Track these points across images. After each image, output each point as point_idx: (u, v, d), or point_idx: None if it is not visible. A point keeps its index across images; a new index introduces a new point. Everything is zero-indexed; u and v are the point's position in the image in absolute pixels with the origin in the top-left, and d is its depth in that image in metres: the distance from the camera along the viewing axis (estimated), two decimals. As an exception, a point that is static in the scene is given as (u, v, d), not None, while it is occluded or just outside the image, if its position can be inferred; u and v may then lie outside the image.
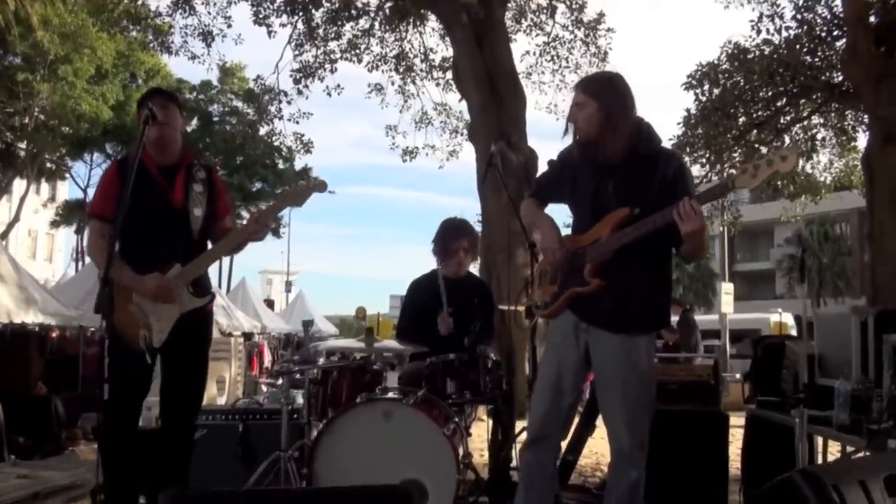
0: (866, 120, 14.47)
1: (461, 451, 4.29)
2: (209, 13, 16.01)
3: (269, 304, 28.48)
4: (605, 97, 3.41)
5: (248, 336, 18.74)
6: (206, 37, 16.18)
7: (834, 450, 5.31)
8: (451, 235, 5.31)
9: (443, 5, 11.81)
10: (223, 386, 12.51)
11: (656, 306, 3.53)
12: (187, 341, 4.01)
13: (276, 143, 18.60)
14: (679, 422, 5.07)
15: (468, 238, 5.35)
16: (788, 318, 25.40)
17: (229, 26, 16.16)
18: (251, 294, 23.52)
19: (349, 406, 4.31)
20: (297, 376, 5.10)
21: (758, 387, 5.46)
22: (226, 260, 46.54)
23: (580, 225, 3.58)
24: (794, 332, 21.81)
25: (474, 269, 6.05)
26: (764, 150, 14.98)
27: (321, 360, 5.42)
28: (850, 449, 4.04)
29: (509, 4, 15.37)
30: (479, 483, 4.71)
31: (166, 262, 3.92)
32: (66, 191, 42.69)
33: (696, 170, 15.64)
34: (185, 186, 4.06)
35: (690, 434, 5.08)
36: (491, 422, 5.15)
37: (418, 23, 16.37)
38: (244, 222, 4.14)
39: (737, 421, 5.50)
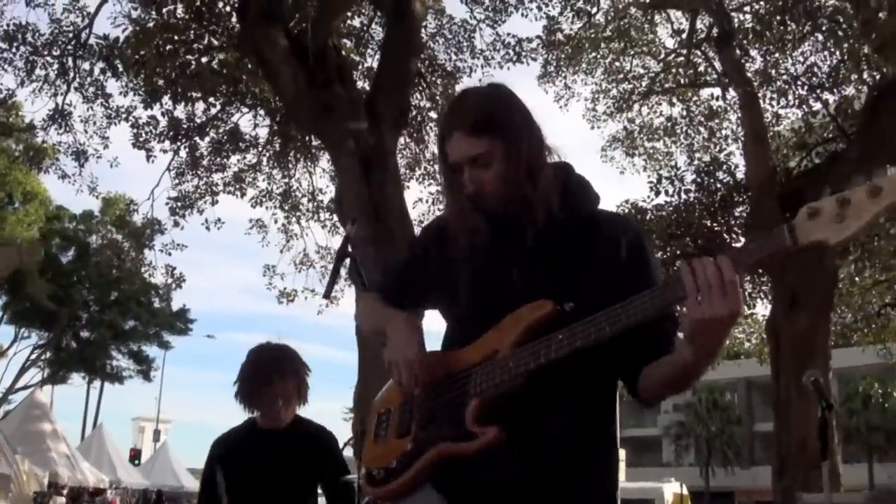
0: (765, 288, 14.36)
1: None
2: (86, 131, 14.93)
3: (136, 454, 26.40)
4: (514, 134, 2.01)
5: (96, 492, 16.68)
6: (80, 156, 15.08)
7: None
8: (259, 378, 3.72)
9: (329, 129, 11.02)
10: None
11: (602, 492, 2.01)
12: None
13: (145, 274, 17.28)
14: None
15: (287, 381, 3.83)
16: (679, 488, 24.65)
17: (106, 147, 15.08)
18: (107, 443, 21.34)
19: None
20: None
21: None
22: (92, 404, 43.78)
23: (460, 335, 2.12)
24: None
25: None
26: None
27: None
28: None
29: (403, 152, 14.78)
30: None
31: None
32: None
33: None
34: None
35: None
36: None
37: (308, 162, 15.68)
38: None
39: None
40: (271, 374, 3.67)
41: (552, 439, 1.94)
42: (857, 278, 14.40)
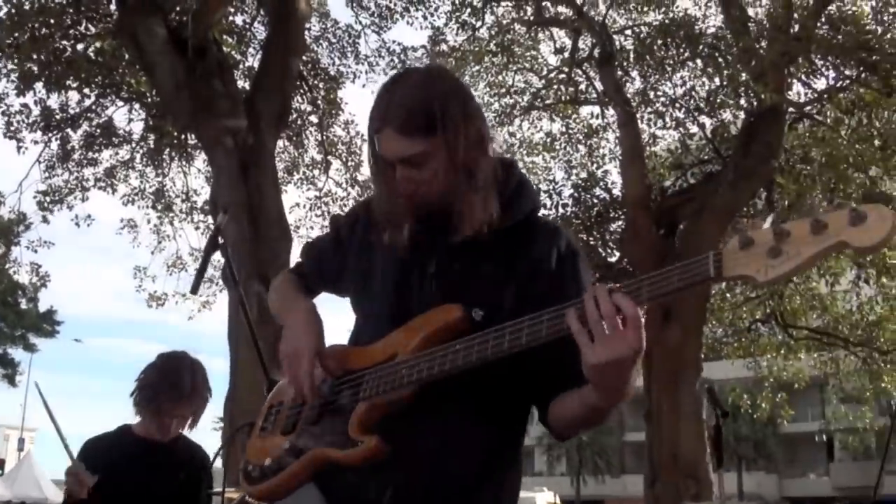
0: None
1: None
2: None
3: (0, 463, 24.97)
4: (451, 132, 1.78)
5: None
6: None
7: None
8: (170, 391, 3.57)
9: (206, 126, 10.64)
10: None
11: None
12: None
13: (10, 272, 16.38)
14: None
15: (193, 401, 3.65)
16: (551, 497, 25.00)
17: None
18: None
19: None
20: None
21: None
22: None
23: (368, 331, 1.96)
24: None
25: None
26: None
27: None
28: None
29: (282, 155, 14.46)
30: None
31: None
32: None
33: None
34: None
35: None
36: None
37: (183, 161, 15.17)
38: None
39: None
40: (182, 390, 3.46)
41: (436, 457, 1.79)
42: (728, 295, 14.89)
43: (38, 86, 12.93)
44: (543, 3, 14.48)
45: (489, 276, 1.85)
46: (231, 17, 13.51)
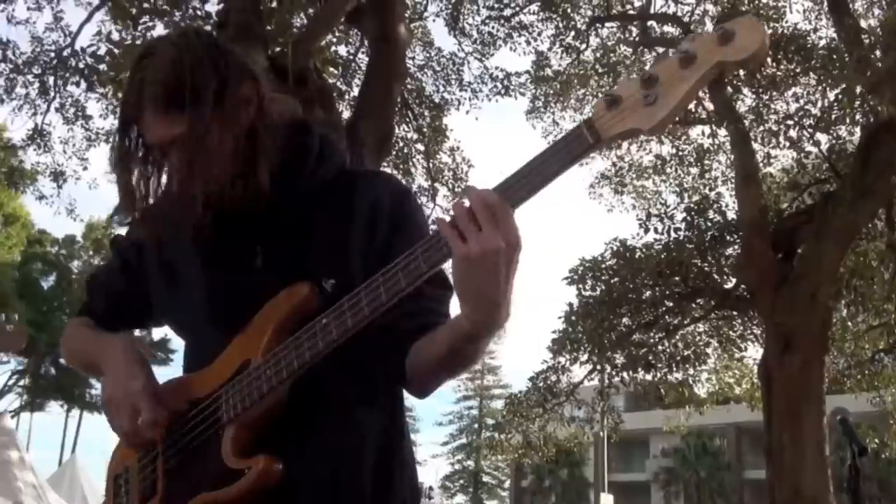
0: (756, 330, 14.07)
1: None
2: (65, 152, 14.74)
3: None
4: (213, 103, 1.53)
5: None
6: (58, 177, 14.91)
7: None
8: None
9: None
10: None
11: (412, 486, 1.70)
12: None
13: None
14: None
15: None
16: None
17: (85, 168, 14.94)
18: (81, 476, 20.56)
19: None
20: None
21: None
22: (71, 433, 43.12)
23: (200, 353, 1.69)
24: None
25: None
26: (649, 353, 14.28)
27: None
28: None
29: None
30: None
31: None
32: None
33: (576, 370, 14.84)
34: None
35: None
36: None
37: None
38: None
39: None
40: None
41: (343, 449, 1.57)
42: (849, 323, 14.12)
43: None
44: (649, 23, 14.17)
45: (323, 240, 1.62)
46: (334, 48, 13.69)
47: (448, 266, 1.39)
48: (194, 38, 1.60)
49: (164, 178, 1.62)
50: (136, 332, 2.08)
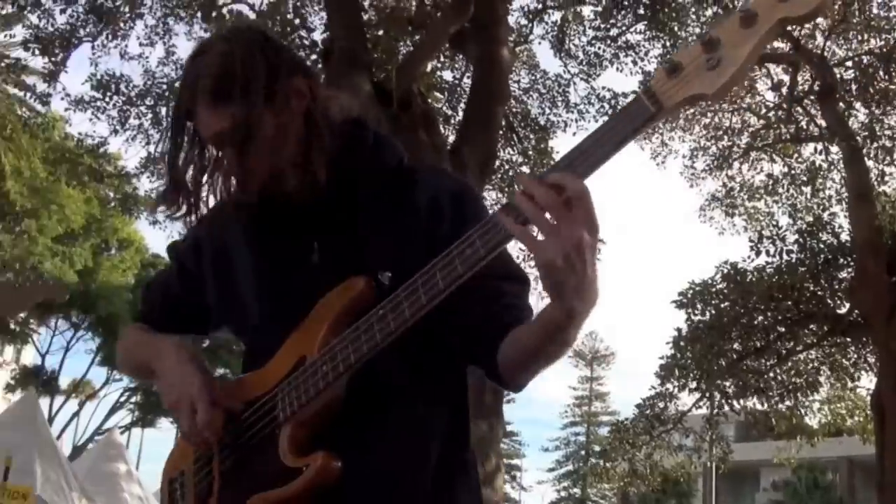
0: (870, 358, 13.51)
1: None
2: (177, 178, 15.28)
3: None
4: (263, 98, 1.53)
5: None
6: (170, 203, 15.47)
7: None
8: None
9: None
10: None
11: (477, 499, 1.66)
12: None
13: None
14: None
15: None
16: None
17: (196, 194, 15.39)
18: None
19: None
20: None
21: None
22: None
23: (258, 354, 1.67)
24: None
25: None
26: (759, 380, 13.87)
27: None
28: None
29: (494, 207, 14.58)
30: None
31: None
32: (32, 354, 40.86)
33: (684, 397, 14.50)
34: None
35: None
36: None
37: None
38: None
39: None
40: None
41: (405, 447, 1.53)
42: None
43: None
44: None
45: (381, 235, 1.59)
46: (440, 73, 13.80)
47: (513, 251, 1.39)
48: (245, 33, 1.63)
49: (218, 176, 1.63)
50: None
